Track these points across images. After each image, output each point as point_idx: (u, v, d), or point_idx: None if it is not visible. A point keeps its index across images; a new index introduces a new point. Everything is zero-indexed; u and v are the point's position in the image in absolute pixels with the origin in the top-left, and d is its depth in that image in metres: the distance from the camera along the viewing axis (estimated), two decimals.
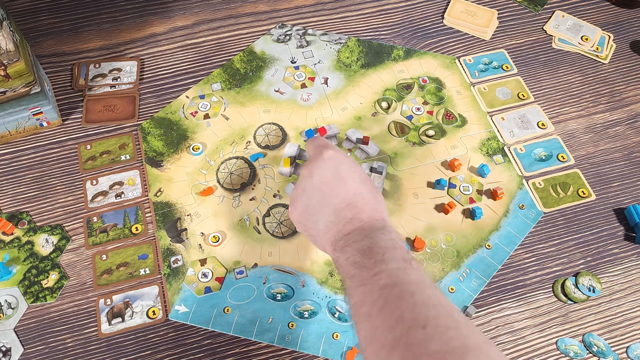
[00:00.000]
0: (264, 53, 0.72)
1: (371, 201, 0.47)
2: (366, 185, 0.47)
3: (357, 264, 0.43)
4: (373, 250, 0.43)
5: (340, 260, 0.45)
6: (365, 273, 0.42)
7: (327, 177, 0.47)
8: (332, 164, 0.47)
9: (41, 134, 0.65)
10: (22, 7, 0.75)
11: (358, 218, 0.45)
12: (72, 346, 0.53)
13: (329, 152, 0.48)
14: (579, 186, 0.64)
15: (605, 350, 0.54)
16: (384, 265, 0.42)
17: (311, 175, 0.47)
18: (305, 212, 0.48)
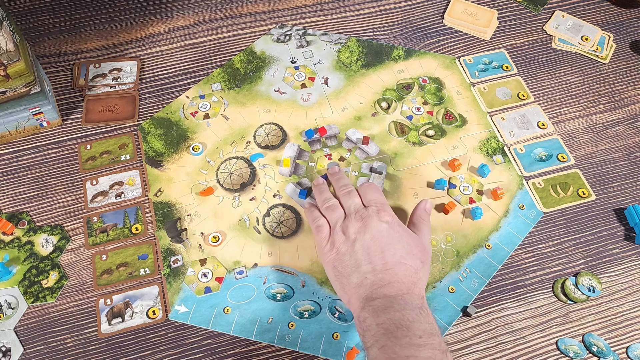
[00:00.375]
0: (264, 53, 0.72)
1: (412, 275, 0.48)
2: (413, 258, 0.49)
3: (390, 335, 0.43)
4: (410, 329, 0.43)
5: (369, 322, 0.45)
6: (398, 349, 0.42)
7: (378, 240, 0.49)
8: (387, 228, 0.50)
9: (41, 134, 0.65)
10: (22, 7, 0.75)
11: (397, 286, 0.46)
12: (72, 346, 0.53)
13: (388, 216, 0.51)
14: (579, 186, 0.64)
15: (605, 350, 0.54)
16: (420, 350, 0.41)
17: (365, 231, 0.50)
18: (345, 262, 0.49)
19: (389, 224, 0.51)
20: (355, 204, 0.53)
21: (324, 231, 0.53)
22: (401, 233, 0.50)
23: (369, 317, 0.45)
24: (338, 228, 0.52)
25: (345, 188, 0.56)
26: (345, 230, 0.51)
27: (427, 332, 0.43)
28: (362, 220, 0.51)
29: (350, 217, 0.52)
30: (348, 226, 0.51)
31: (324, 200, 0.56)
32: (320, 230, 0.53)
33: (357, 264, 0.49)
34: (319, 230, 0.53)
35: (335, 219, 0.53)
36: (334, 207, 0.54)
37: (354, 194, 0.55)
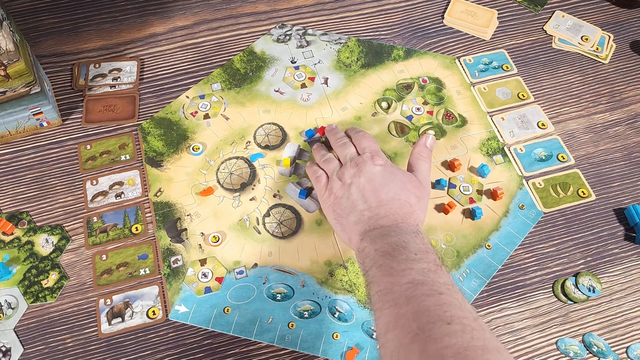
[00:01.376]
0: (264, 53, 0.72)
1: (407, 208, 0.51)
2: (407, 193, 0.52)
3: (387, 255, 0.45)
4: (406, 248, 0.45)
5: (368, 249, 0.47)
6: (395, 265, 0.44)
7: (372, 181, 0.52)
8: (381, 170, 0.53)
9: (41, 134, 0.65)
10: (22, 7, 0.75)
11: (392, 217, 0.49)
12: (72, 346, 0.53)
13: (381, 160, 0.54)
14: (579, 186, 0.64)
15: (605, 350, 0.54)
16: (415, 263, 0.44)
17: (359, 175, 0.53)
18: (343, 204, 0.52)
19: (383, 166, 0.53)
20: (350, 153, 0.56)
21: (322, 180, 0.56)
22: (394, 173, 0.53)
23: (368, 246, 0.48)
24: (335, 176, 0.55)
25: (341, 140, 0.59)
26: (342, 176, 0.54)
27: (422, 250, 0.46)
28: (356, 166, 0.54)
29: (346, 165, 0.55)
30: (344, 173, 0.54)
31: (322, 156, 0.59)
32: (319, 180, 0.57)
33: (353, 204, 0.52)
34: (318, 180, 0.57)
35: (332, 169, 0.57)
36: (330, 159, 0.58)
37: (348, 145, 0.58)
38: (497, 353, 0.37)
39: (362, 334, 0.54)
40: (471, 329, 0.38)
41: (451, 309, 0.40)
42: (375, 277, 0.45)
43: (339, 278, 0.57)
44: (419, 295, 0.41)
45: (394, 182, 0.52)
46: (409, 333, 0.39)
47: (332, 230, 0.59)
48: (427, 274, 0.43)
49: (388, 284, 0.43)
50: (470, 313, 0.40)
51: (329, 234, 0.59)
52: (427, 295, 0.41)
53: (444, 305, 0.40)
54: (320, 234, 0.59)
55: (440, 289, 0.42)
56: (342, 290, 0.56)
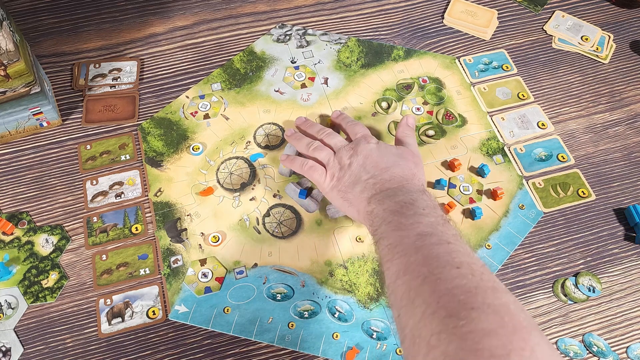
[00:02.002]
0: (264, 53, 0.72)
1: (408, 171, 0.53)
2: (405, 161, 0.54)
3: (396, 212, 0.46)
4: (414, 205, 0.47)
5: (377, 210, 0.48)
6: (404, 220, 0.45)
7: (370, 155, 0.54)
8: (376, 147, 0.55)
9: (41, 134, 0.65)
10: (22, 7, 0.75)
11: (397, 179, 0.51)
12: (72, 346, 0.53)
13: (374, 140, 0.56)
14: (579, 186, 0.64)
15: (605, 350, 0.54)
16: (423, 217, 0.45)
17: (356, 154, 0.54)
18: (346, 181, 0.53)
19: (377, 144, 0.56)
20: (341, 140, 0.58)
21: (319, 169, 0.56)
22: (388, 147, 0.56)
23: (376, 207, 0.49)
24: (332, 161, 0.56)
25: (324, 131, 0.60)
26: (340, 160, 0.55)
27: (430, 206, 0.47)
28: (352, 148, 0.55)
29: (341, 150, 0.56)
30: (341, 157, 0.55)
31: (308, 144, 0.59)
32: (314, 169, 0.57)
33: (357, 177, 0.53)
34: (313, 170, 0.57)
35: (326, 156, 0.57)
36: (321, 146, 0.58)
37: (334, 134, 0.59)
38: (505, 293, 0.38)
39: (362, 334, 0.54)
40: (480, 273, 0.39)
41: (460, 255, 0.41)
42: (385, 233, 0.46)
43: (339, 278, 0.57)
44: (428, 245, 0.42)
45: (391, 154, 0.54)
46: (419, 276, 0.40)
47: (332, 230, 0.59)
48: (436, 226, 0.44)
49: (397, 237, 0.44)
50: (478, 260, 0.41)
51: (329, 234, 0.59)
52: (436, 244, 0.42)
53: (452, 252, 0.41)
54: (320, 234, 0.59)
55: (448, 239, 0.43)
56: (342, 290, 0.56)
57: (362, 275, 0.57)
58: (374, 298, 0.56)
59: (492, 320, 0.35)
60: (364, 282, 0.57)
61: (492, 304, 0.36)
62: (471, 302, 0.36)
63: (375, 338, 0.54)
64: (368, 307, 0.56)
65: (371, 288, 0.57)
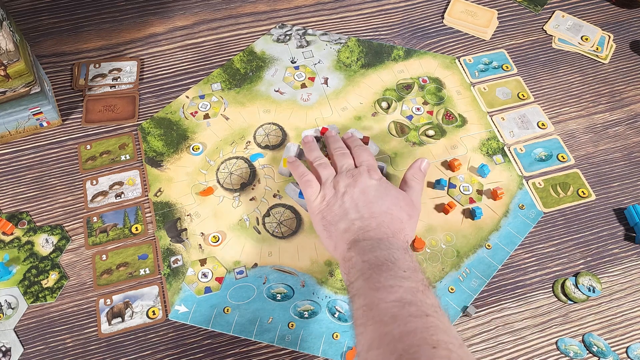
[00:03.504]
0: (264, 53, 0.72)
1: (398, 223, 0.50)
2: (399, 210, 0.51)
3: (375, 268, 0.44)
4: (395, 264, 0.44)
5: (355, 260, 0.46)
6: (383, 280, 0.43)
7: (366, 194, 0.52)
8: (376, 184, 0.53)
9: (41, 134, 0.65)
10: (22, 7, 0.75)
11: (383, 231, 0.49)
12: (72, 346, 0.53)
13: (378, 175, 0.54)
14: (579, 186, 0.64)
15: (605, 350, 0.54)
16: (404, 281, 0.43)
17: (354, 185, 0.52)
18: (334, 211, 0.52)
19: (378, 181, 0.53)
20: (348, 164, 0.56)
21: (314, 185, 0.55)
22: (389, 189, 0.53)
23: (355, 256, 0.47)
24: (329, 183, 0.54)
25: (341, 150, 0.58)
26: (336, 185, 0.53)
27: (411, 268, 0.45)
28: (352, 177, 0.53)
29: (342, 174, 0.54)
30: (339, 181, 0.53)
31: (316, 158, 0.58)
32: (309, 184, 0.55)
33: (345, 212, 0.51)
34: (308, 185, 0.55)
35: (326, 175, 0.55)
36: (326, 164, 0.56)
37: (348, 156, 0.57)
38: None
39: None
40: (457, 356, 0.38)
41: (438, 332, 0.39)
42: (361, 290, 0.44)
43: (339, 278, 0.57)
44: (405, 316, 0.40)
45: (388, 197, 0.52)
46: (394, 354, 0.38)
47: None
48: (415, 293, 0.42)
49: (375, 298, 0.42)
50: (456, 339, 0.40)
51: None
52: (414, 316, 0.40)
53: (430, 328, 0.39)
54: None
55: (427, 310, 0.41)
56: (342, 290, 0.56)
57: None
58: None
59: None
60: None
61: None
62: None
63: None
64: None
65: None
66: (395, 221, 0.50)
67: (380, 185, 0.53)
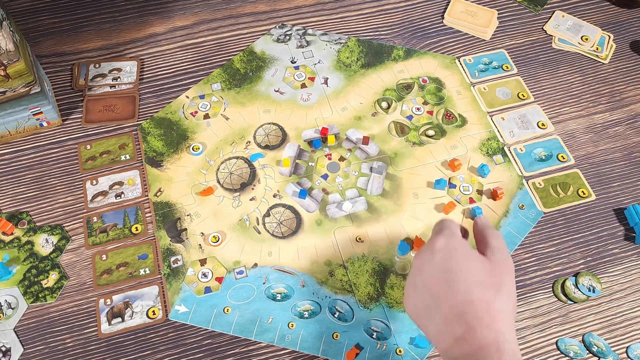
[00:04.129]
0: (264, 53, 0.72)
1: (484, 314, 0.40)
2: (482, 288, 0.41)
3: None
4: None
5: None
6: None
7: (435, 276, 0.42)
8: (442, 258, 0.43)
9: (41, 134, 0.65)
10: (22, 7, 0.75)
11: (468, 339, 0.40)
12: (72, 346, 0.53)
13: (440, 243, 0.43)
14: (579, 186, 0.64)
15: (605, 350, 0.54)
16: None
17: (421, 271, 0.43)
18: (418, 309, 0.44)
19: (443, 251, 0.43)
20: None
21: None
22: (460, 259, 0.43)
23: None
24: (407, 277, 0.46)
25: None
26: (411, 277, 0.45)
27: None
28: (418, 258, 0.45)
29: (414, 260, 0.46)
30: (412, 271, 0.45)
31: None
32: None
33: (428, 311, 0.43)
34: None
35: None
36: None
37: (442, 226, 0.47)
38: None
39: (362, 334, 0.54)
40: None
41: None
42: None
43: (339, 278, 0.57)
44: None
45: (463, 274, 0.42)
46: None
47: (332, 230, 0.59)
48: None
49: None
50: None
51: (329, 234, 0.59)
52: None
53: None
54: (320, 234, 0.59)
55: None
56: (342, 290, 0.56)
57: (362, 275, 0.57)
58: (374, 298, 0.56)
59: None
60: (364, 282, 0.57)
61: None
62: None
63: (375, 338, 0.54)
64: (368, 307, 0.56)
65: (371, 288, 0.57)
66: (481, 309, 0.40)
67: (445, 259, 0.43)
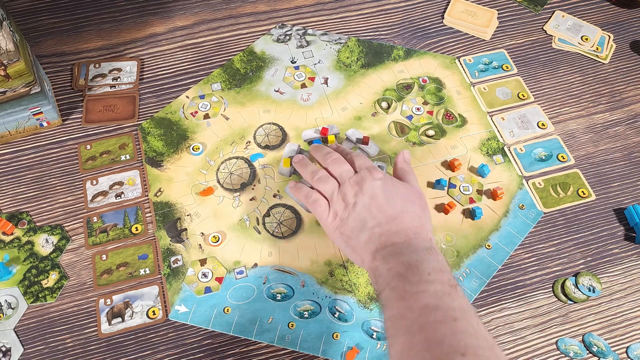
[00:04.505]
0: (264, 53, 0.72)
1: (416, 220, 0.49)
2: (412, 205, 0.50)
3: (400, 276, 0.44)
4: (419, 268, 0.44)
5: (381, 269, 0.46)
6: (408, 287, 0.43)
7: (376, 195, 0.50)
8: (382, 183, 0.51)
9: (41, 134, 0.65)
10: (22, 7, 0.75)
11: (404, 233, 0.48)
12: (72, 346, 0.53)
13: (379, 174, 0.52)
14: (579, 186, 0.64)
15: (605, 350, 0.54)
16: (429, 285, 0.42)
17: (362, 192, 0.51)
18: (351, 225, 0.50)
19: (383, 180, 0.52)
20: (347, 171, 0.53)
21: (322, 204, 0.53)
22: (396, 186, 0.52)
23: (380, 265, 0.46)
24: (336, 197, 0.52)
25: (331, 156, 0.55)
26: (344, 197, 0.51)
27: (436, 269, 0.44)
28: (357, 184, 0.51)
29: (345, 184, 0.52)
30: (346, 193, 0.51)
31: (312, 173, 0.55)
32: (318, 204, 0.53)
33: (362, 223, 0.49)
34: (317, 205, 0.53)
35: (330, 190, 0.53)
36: (325, 177, 0.54)
37: (342, 161, 0.55)
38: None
39: (362, 334, 0.54)
40: (486, 358, 0.38)
41: (466, 337, 0.39)
42: (388, 301, 0.44)
43: (339, 278, 0.57)
44: (432, 323, 0.40)
45: (398, 196, 0.51)
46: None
47: None
48: (441, 297, 0.42)
49: (401, 308, 0.42)
50: (486, 341, 0.39)
51: None
52: (441, 322, 0.40)
53: (458, 333, 0.39)
54: (320, 234, 0.59)
55: (454, 314, 0.40)
56: (342, 290, 0.56)
57: (362, 275, 0.57)
58: (374, 298, 0.56)
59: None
60: (364, 282, 0.57)
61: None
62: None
63: (375, 338, 0.54)
64: (368, 307, 0.56)
65: (371, 288, 0.57)
66: (414, 219, 0.49)
67: (386, 184, 0.51)
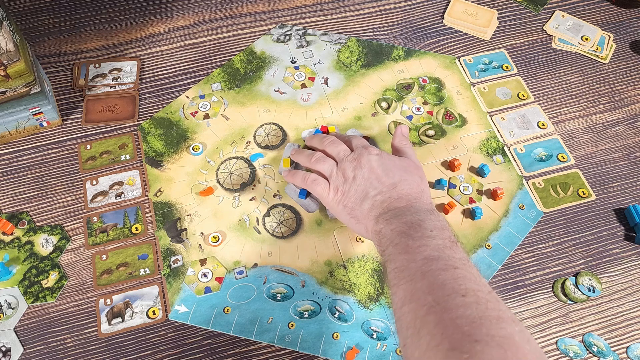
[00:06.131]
0: (264, 53, 0.72)
1: (416, 187, 0.52)
2: (411, 174, 0.53)
3: (403, 234, 0.46)
4: (421, 226, 0.46)
5: (385, 230, 0.48)
6: (411, 242, 0.45)
7: (374, 167, 0.53)
8: (378, 157, 0.54)
9: (41, 134, 0.65)
10: (22, 7, 0.75)
11: (406, 198, 0.50)
12: (72, 346, 0.53)
13: (375, 150, 0.55)
14: (579, 186, 0.64)
15: (605, 350, 0.54)
16: (430, 240, 0.45)
17: (360, 166, 0.53)
18: (353, 196, 0.52)
19: (379, 155, 0.54)
20: (344, 150, 0.56)
21: (321, 182, 0.55)
22: (392, 159, 0.54)
23: (384, 227, 0.48)
24: (335, 174, 0.54)
25: (327, 139, 0.58)
26: (344, 172, 0.54)
27: (438, 227, 0.46)
28: (354, 160, 0.54)
29: (343, 161, 0.54)
30: (345, 169, 0.54)
31: (309, 155, 0.57)
32: (317, 182, 0.55)
33: (364, 192, 0.52)
34: (316, 183, 0.55)
35: (329, 168, 0.55)
36: (323, 158, 0.56)
37: (338, 142, 0.57)
38: (511, 322, 0.38)
39: (362, 334, 0.54)
40: (486, 301, 0.39)
41: (466, 282, 0.40)
42: (392, 255, 0.46)
43: (339, 278, 0.57)
44: (434, 270, 0.42)
45: (396, 167, 0.53)
46: (424, 305, 0.40)
47: (332, 230, 0.60)
48: (442, 250, 0.44)
49: (404, 260, 0.44)
50: (485, 286, 0.41)
51: (329, 234, 0.59)
52: (442, 269, 0.42)
53: (458, 279, 0.41)
54: (320, 234, 0.59)
55: (455, 263, 0.42)
56: (342, 290, 0.56)
57: (362, 275, 0.57)
58: (374, 298, 0.56)
59: (496, 354, 0.35)
60: (364, 282, 0.57)
61: (496, 336, 0.36)
62: (475, 334, 0.36)
63: (375, 338, 0.54)
64: (368, 307, 0.56)
65: (371, 288, 0.57)
66: (413, 185, 0.51)
67: (383, 158, 0.54)
